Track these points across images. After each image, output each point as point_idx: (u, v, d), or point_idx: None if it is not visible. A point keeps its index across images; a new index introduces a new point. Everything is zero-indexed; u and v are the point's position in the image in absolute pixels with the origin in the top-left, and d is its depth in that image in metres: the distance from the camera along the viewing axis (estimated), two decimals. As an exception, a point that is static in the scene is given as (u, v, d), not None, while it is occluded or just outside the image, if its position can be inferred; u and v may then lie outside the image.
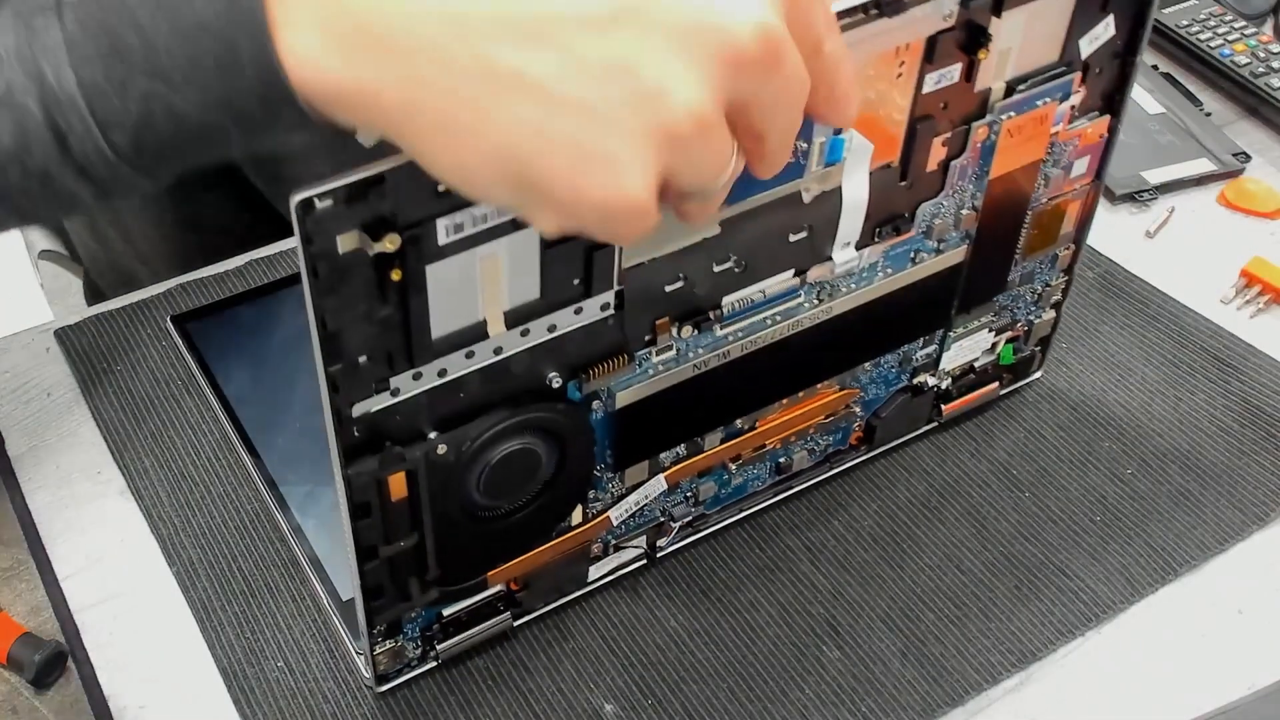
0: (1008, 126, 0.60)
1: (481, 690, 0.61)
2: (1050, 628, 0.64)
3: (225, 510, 0.68)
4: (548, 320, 0.52)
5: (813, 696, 0.61)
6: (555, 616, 0.64)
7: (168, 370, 0.75)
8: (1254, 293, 0.81)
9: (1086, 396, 0.75)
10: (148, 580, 0.66)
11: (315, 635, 0.63)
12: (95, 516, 0.69)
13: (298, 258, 0.44)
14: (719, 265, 0.56)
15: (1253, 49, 0.95)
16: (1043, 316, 0.72)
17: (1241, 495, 0.70)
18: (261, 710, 0.60)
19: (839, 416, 0.68)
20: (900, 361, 0.68)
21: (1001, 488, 0.70)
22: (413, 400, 0.51)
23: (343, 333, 0.47)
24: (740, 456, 0.65)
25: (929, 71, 0.56)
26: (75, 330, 0.78)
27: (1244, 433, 0.73)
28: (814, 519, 0.69)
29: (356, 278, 0.46)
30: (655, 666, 0.62)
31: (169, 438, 0.72)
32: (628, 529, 0.64)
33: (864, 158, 0.56)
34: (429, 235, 0.46)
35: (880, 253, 0.61)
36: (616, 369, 0.56)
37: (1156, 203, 0.87)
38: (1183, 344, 0.78)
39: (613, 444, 0.59)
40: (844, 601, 0.65)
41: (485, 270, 0.49)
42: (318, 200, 0.42)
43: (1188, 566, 0.67)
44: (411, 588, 0.57)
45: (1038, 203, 0.66)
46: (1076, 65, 0.61)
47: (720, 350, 0.59)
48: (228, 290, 0.80)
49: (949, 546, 0.67)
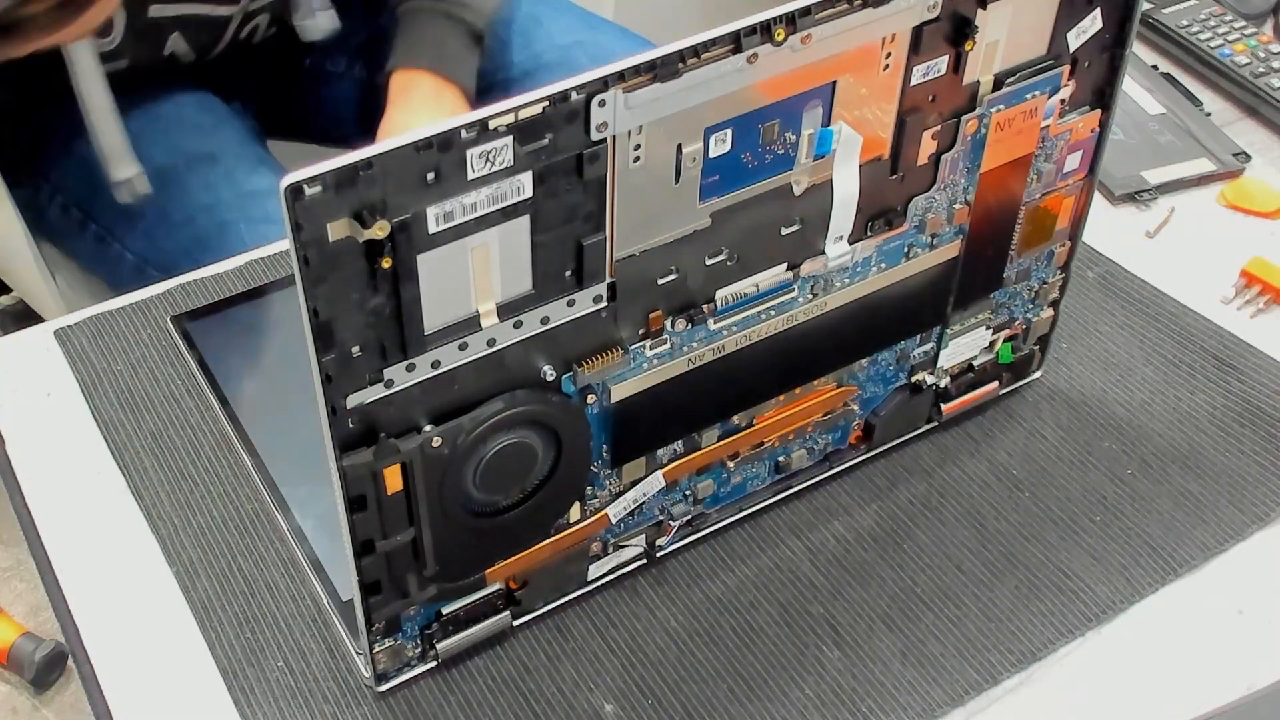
0: (997, 120, 0.60)
1: (481, 690, 0.61)
2: (1050, 628, 0.64)
3: (225, 510, 0.69)
4: (540, 312, 0.53)
5: (813, 696, 0.61)
6: (555, 616, 0.64)
7: (168, 370, 0.76)
8: (1254, 293, 0.80)
9: (1086, 396, 0.75)
10: (148, 580, 0.66)
11: (315, 635, 0.63)
12: (95, 516, 0.69)
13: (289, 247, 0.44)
14: (711, 258, 0.56)
15: (1253, 49, 0.95)
16: (1040, 314, 0.72)
17: (1241, 495, 0.69)
18: (261, 710, 0.61)
19: (837, 415, 0.68)
20: (898, 359, 0.68)
21: (1001, 488, 0.70)
22: (406, 392, 0.51)
23: (335, 322, 0.47)
24: (738, 454, 0.65)
25: (916, 64, 0.56)
26: (75, 330, 0.78)
27: (1244, 433, 0.72)
28: (814, 519, 0.69)
29: (347, 266, 0.46)
30: (655, 666, 0.62)
31: (169, 438, 0.72)
32: (626, 527, 0.64)
33: (854, 150, 0.56)
34: (419, 223, 0.46)
35: (873, 247, 0.61)
36: (610, 362, 0.56)
37: (1156, 203, 0.87)
38: (1183, 344, 0.77)
39: (609, 439, 0.59)
40: (844, 601, 0.65)
41: (476, 260, 0.49)
42: (306, 186, 0.43)
43: (1188, 566, 0.66)
44: (409, 584, 0.57)
45: (1031, 198, 0.66)
46: (1065, 58, 0.61)
47: (714, 344, 0.59)
48: (228, 290, 0.80)
49: (949, 546, 0.67)
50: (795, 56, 0.52)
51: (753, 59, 0.51)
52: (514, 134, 0.47)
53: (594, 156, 0.49)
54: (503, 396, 0.54)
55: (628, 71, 0.48)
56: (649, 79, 0.49)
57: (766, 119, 0.53)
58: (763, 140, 0.54)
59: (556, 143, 0.48)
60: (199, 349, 0.76)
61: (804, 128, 0.54)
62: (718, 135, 0.53)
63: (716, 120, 0.52)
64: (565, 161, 0.49)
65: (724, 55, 0.50)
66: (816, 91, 0.54)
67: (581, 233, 0.52)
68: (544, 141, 0.48)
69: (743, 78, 0.51)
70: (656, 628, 0.64)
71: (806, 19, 0.51)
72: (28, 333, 0.79)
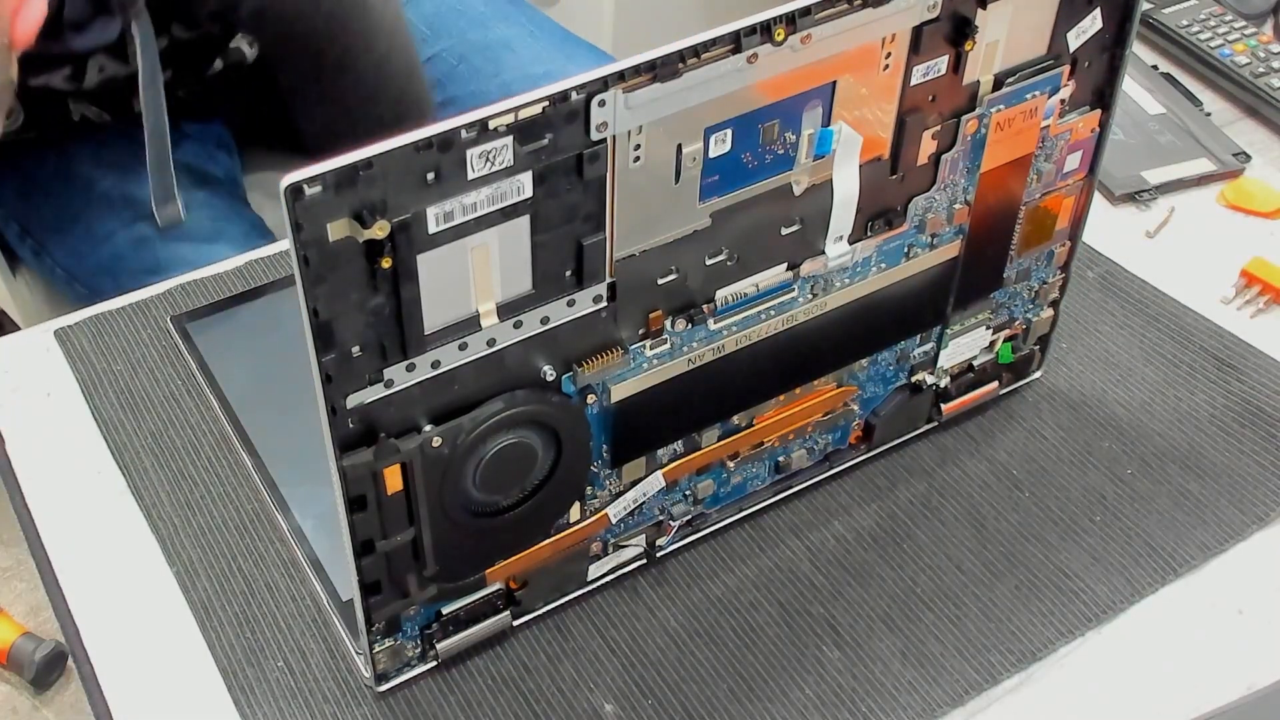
0: (997, 120, 0.60)
1: (481, 690, 0.61)
2: (1050, 628, 0.64)
3: (225, 510, 0.69)
4: (540, 312, 0.53)
5: (813, 696, 0.61)
6: (555, 616, 0.64)
7: (168, 370, 0.76)
8: (1254, 293, 0.80)
9: (1086, 396, 0.75)
10: (148, 580, 0.66)
11: (315, 635, 0.63)
12: (95, 516, 0.69)
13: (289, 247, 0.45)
14: (711, 258, 0.56)
15: (1253, 49, 0.95)
16: (1040, 314, 0.72)
17: (1241, 495, 0.69)
18: (261, 710, 0.61)
19: (837, 415, 0.68)
20: (898, 359, 0.68)
21: (1001, 488, 0.70)
22: (406, 392, 0.51)
23: (335, 322, 0.47)
24: (738, 454, 0.65)
25: (916, 64, 0.56)
26: (75, 330, 0.78)
27: (1244, 433, 0.72)
28: (814, 519, 0.69)
29: (347, 266, 0.46)
30: (655, 666, 0.62)
31: (169, 438, 0.72)
32: (626, 527, 0.64)
33: (854, 150, 0.56)
34: (419, 223, 0.46)
35: (873, 247, 0.61)
36: (610, 362, 0.56)
37: (1156, 203, 0.87)
38: (1183, 344, 0.77)
39: (609, 439, 0.59)
40: (844, 601, 0.65)
41: (476, 260, 0.49)
42: (306, 186, 0.43)
43: (1188, 566, 0.66)
44: (410, 584, 0.57)
45: (1031, 198, 0.66)
46: (1065, 58, 0.61)
47: (714, 344, 0.59)
48: (228, 290, 0.80)
49: (949, 546, 0.67)
50: (795, 56, 0.52)
51: (753, 59, 0.51)
52: (514, 134, 0.47)
53: (594, 156, 0.49)
54: (503, 396, 0.54)
55: (628, 71, 0.48)
56: (649, 79, 0.49)
57: (766, 119, 0.53)
58: (763, 140, 0.54)
59: (556, 143, 0.48)
60: (199, 349, 0.76)
61: (804, 128, 0.54)
62: (718, 135, 0.53)
63: (716, 120, 0.52)
64: (565, 161, 0.49)
65: (724, 55, 0.50)
66: (816, 91, 0.54)
67: (581, 233, 0.52)
68: (544, 141, 0.48)
69: (743, 78, 0.51)
70: (656, 628, 0.64)
71: (806, 19, 0.51)
72: (28, 333, 0.79)
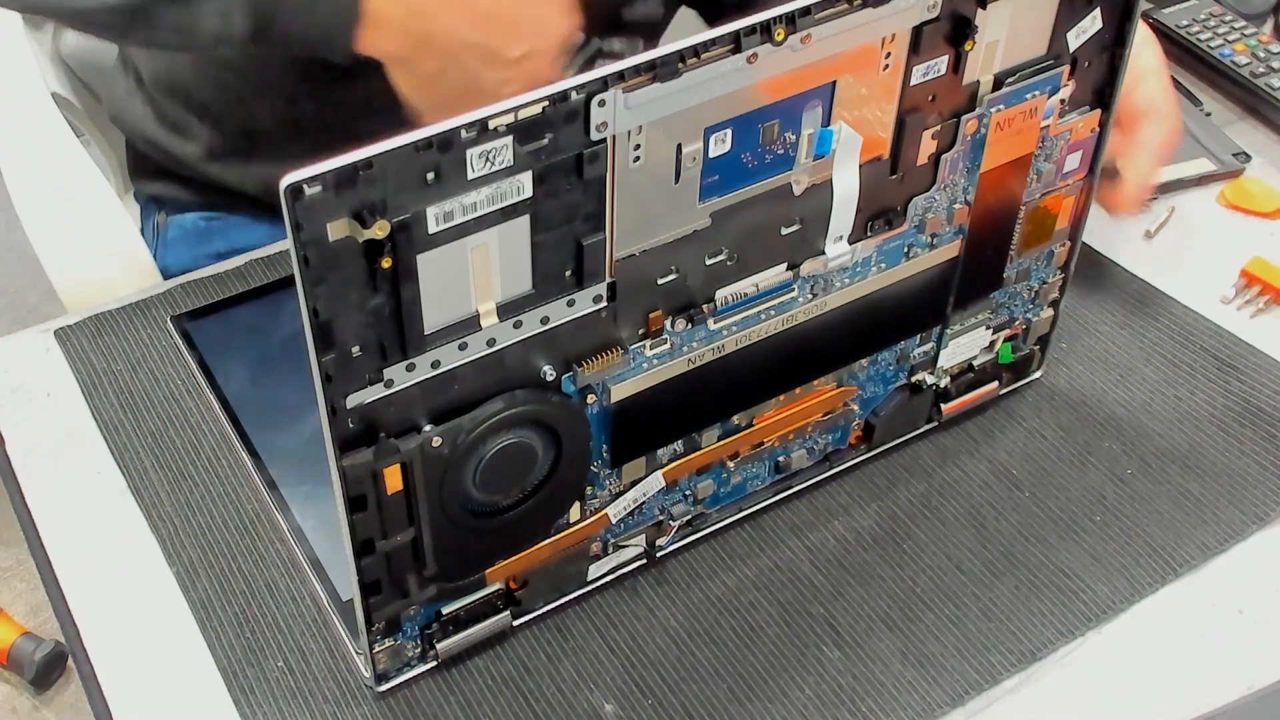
0: (997, 119, 0.60)
1: (481, 690, 0.61)
2: (1050, 628, 0.64)
3: (225, 510, 0.69)
4: (540, 312, 0.53)
5: (813, 696, 0.61)
6: (555, 616, 0.64)
7: (168, 370, 0.76)
8: (1254, 293, 0.80)
9: (1086, 396, 0.75)
10: (148, 580, 0.66)
11: (315, 635, 0.63)
12: (95, 516, 0.69)
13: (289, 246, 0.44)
14: (711, 258, 0.56)
15: (1253, 49, 0.95)
16: (1040, 314, 0.72)
17: (1241, 495, 0.69)
18: (261, 710, 0.61)
19: (837, 415, 0.68)
20: (898, 359, 0.68)
21: (1001, 488, 0.70)
22: (406, 392, 0.51)
23: (335, 322, 0.47)
24: (738, 454, 0.65)
25: (916, 63, 0.56)
26: (75, 330, 0.78)
27: (1244, 433, 0.72)
28: (814, 519, 0.69)
29: (347, 265, 0.46)
30: (655, 666, 0.62)
31: (169, 438, 0.72)
32: (626, 527, 0.64)
33: (853, 150, 0.56)
34: (419, 223, 0.46)
35: (873, 247, 0.61)
36: (610, 362, 0.56)
37: (1156, 203, 0.87)
38: (1183, 344, 0.77)
39: (609, 439, 0.59)
40: (844, 601, 0.65)
41: (476, 260, 0.49)
42: (306, 186, 0.43)
43: (1188, 566, 0.66)
44: (410, 584, 0.57)
45: (1030, 198, 0.66)
46: (1065, 58, 0.61)
47: (714, 344, 0.59)
48: (228, 290, 0.80)
49: (949, 546, 0.67)
50: (795, 56, 0.52)
51: (752, 59, 0.51)
52: (514, 134, 0.47)
53: (594, 156, 0.49)
54: (503, 396, 0.54)
55: (628, 71, 0.48)
56: (649, 79, 0.49)
57: (766, 119, 0.53)
58: (763, 140, 0.54)
59: (556, 143, 0.48)
60: (199, 349, 0.76)
61: (804, 128, 0.54)
62: (717, 135, 0.53)
63: (716, 120, 0.52)
64: (565, 161, 0.49)
65: (724, 55, 0.50)
66: (816, 91, 0.54)
67: (581, 233, 0.52)
68: (544, 141, 0.48)
69: (742, 78, 0.51)
70: (656, 628, 0.64)
71: (806, 19, 0.51)
72: (28, 333, 0.79)
